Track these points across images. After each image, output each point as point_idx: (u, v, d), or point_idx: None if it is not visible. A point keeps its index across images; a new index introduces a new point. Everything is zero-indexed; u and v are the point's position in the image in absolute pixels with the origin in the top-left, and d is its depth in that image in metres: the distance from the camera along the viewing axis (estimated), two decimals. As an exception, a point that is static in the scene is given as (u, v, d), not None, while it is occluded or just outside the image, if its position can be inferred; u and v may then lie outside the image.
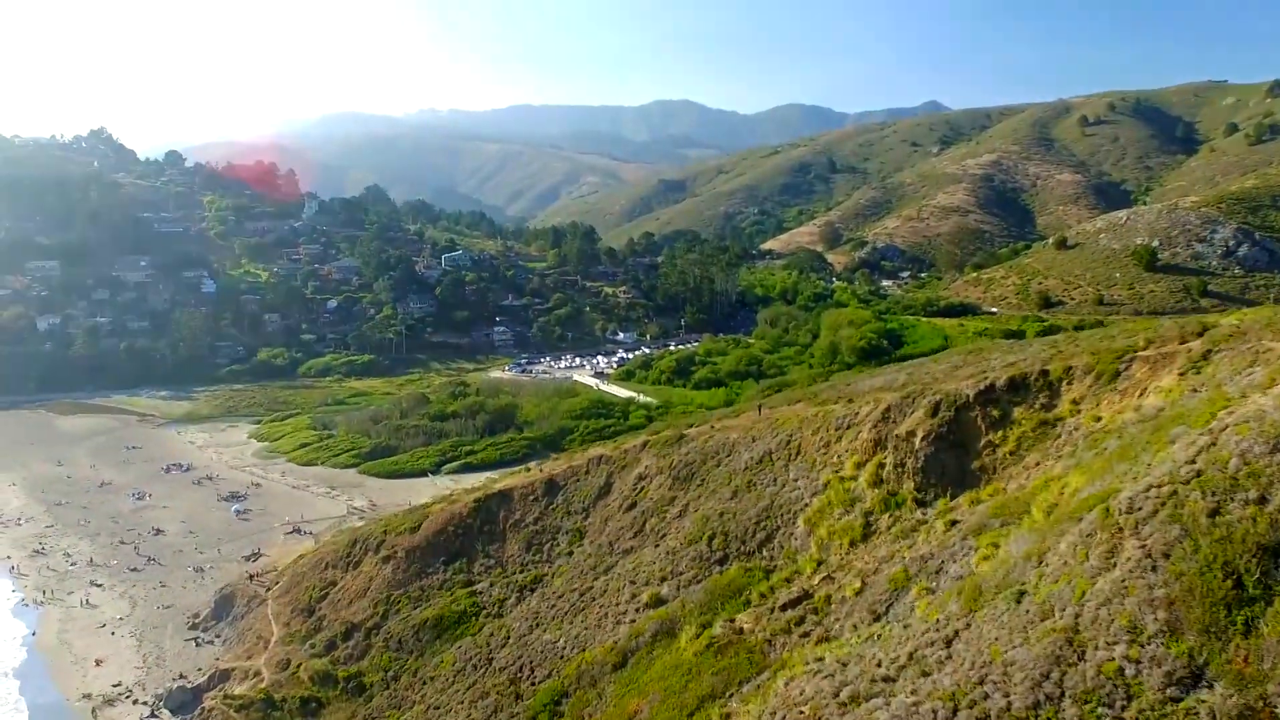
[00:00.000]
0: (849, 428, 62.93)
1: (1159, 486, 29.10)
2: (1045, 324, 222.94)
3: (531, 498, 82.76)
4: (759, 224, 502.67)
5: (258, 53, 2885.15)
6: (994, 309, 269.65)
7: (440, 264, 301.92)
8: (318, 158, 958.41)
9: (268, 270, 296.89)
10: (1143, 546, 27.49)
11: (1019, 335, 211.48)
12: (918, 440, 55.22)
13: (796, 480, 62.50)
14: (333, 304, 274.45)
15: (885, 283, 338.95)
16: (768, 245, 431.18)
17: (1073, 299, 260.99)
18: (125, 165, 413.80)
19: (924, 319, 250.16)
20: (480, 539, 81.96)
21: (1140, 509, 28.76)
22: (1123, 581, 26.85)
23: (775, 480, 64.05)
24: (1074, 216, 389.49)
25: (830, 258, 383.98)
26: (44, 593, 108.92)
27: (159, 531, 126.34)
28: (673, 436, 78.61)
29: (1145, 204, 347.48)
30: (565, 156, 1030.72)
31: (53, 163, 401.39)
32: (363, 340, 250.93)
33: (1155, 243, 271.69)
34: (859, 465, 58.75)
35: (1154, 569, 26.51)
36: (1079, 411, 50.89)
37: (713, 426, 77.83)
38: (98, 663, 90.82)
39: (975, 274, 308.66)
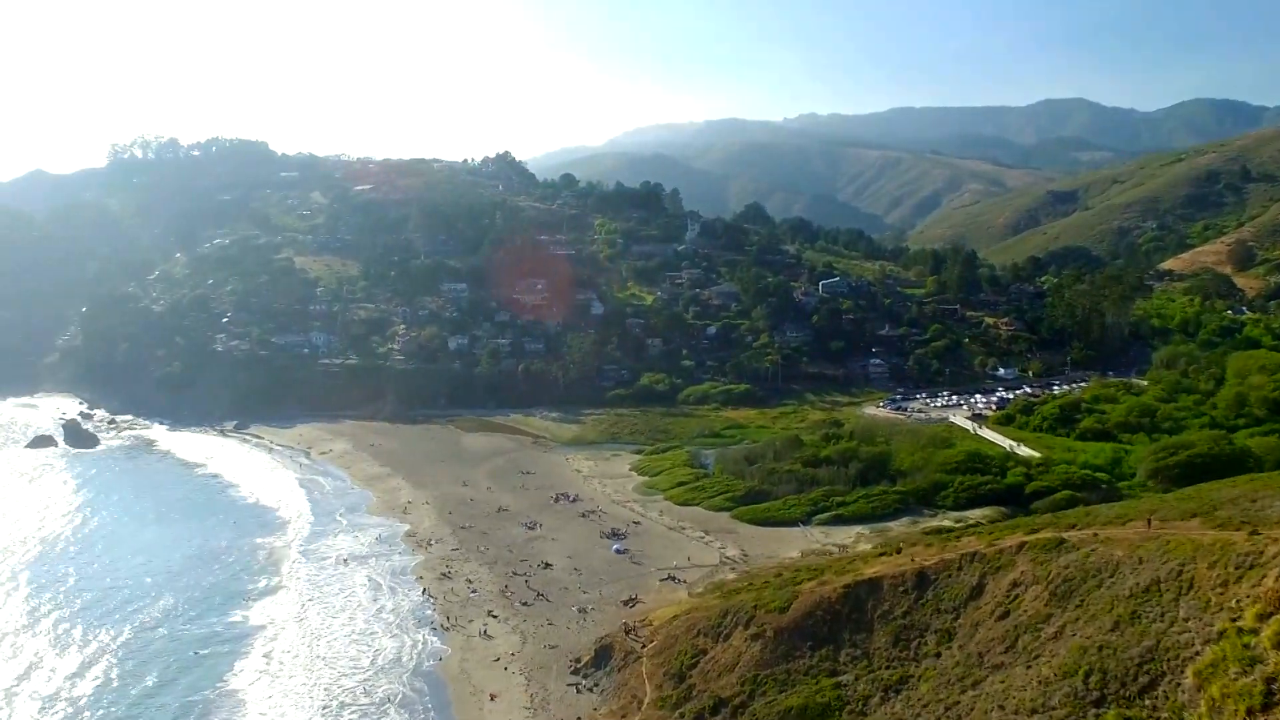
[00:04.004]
0: (1252, 568, 58.19)
1: None
2: None
3: (901, 589, 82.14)
4: (1157, 240, 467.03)
5: (643, 60, 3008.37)
6: None
7: (817, 291, 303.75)
8: (699, 167, 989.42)
9: (652, 294, 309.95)
10: None
11: None
12: (1333, 605, 50.52)
13: (1187, 621, 58.45)
14: (712, 330, 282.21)
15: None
16: (1167, 265, 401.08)
17: None
18: (526, 188, 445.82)
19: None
20: (848, 627, 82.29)
21: None
22: None
23: (1163, 616, 60.17)
24: None
25: (1239, 282, 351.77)
26: (449, 618, 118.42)
27: (547, 565, 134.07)
28: (1051, 541, 75.62)
29: None
30: (946, 162, 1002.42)
31: (464, 187, 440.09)
32: (740, 369, 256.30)
33: None
34: (1261, 617, 54.18)
35: None
36: None
37: (1096, 534, 74.13)
38: (492, 697, 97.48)
39: None
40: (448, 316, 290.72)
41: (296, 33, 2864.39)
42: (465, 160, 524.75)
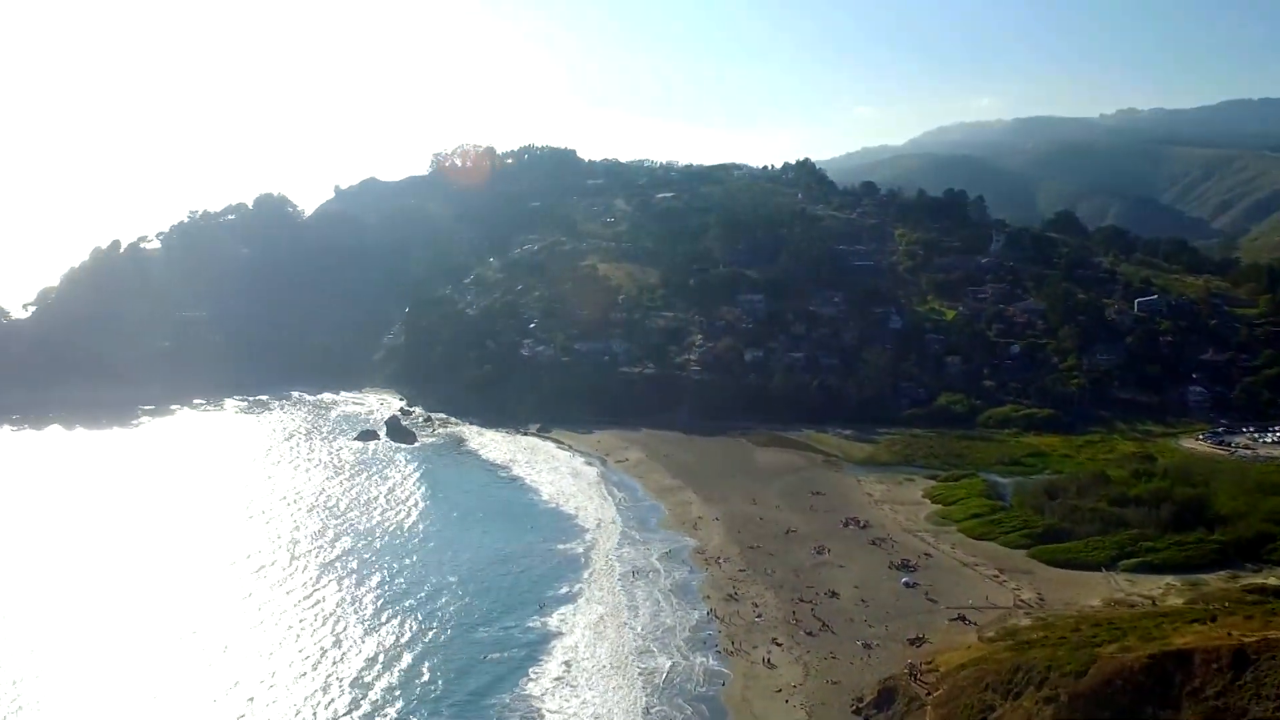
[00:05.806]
0: None
1: None
2: None
3: (1215, 666, 76.55)
4: None
5: (948, 56, 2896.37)
6: None
7: (1132, 310, 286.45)
8: (1006, 168, 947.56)
9: (952, 309, 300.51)
10: None
11: None
12: None
13: None
14: (1015, 349, 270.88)
15: None
16: None
17: None
18: (824, 197, 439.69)
19: None
20: (1151, 702, 77.49)
21: None
22: None
23: None
24: None
25: None
26: (733, 642, 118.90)
27: (833, 594, 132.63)
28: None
29: None
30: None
31: (764, 195, 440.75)
32: (1043, 392, 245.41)
33: None
34: None
35: None
36: None
37: None
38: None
39: None
40: (744, 328, 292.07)
41: (606, 43, 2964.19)
42: (766, 166, 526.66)
